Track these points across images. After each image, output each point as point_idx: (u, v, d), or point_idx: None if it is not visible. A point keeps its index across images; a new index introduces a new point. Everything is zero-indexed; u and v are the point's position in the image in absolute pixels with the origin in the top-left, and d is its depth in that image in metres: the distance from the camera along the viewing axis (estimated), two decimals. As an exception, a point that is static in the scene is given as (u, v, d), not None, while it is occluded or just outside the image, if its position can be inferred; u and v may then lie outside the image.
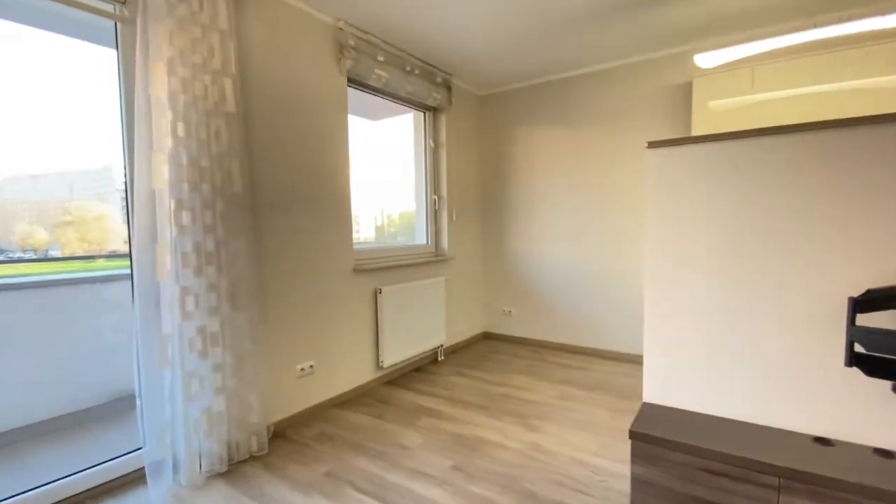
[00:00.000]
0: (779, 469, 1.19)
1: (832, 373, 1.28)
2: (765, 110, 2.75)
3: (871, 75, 2.39)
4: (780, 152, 1.32)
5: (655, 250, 1.56)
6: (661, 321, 1.56)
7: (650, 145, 1.54)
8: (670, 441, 1.35)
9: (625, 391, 2.90)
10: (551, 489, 1.85)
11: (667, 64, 3.26)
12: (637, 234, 3.48)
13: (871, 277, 1.20)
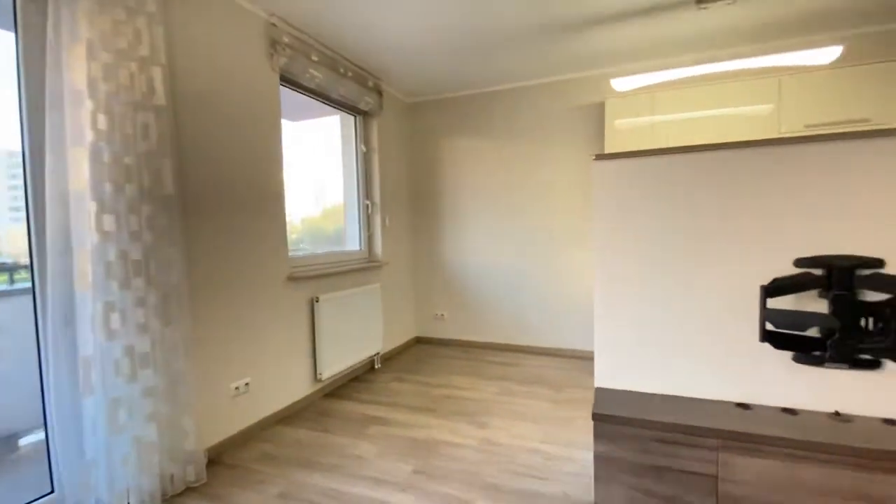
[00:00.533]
0: (716, 431, 1.40)
1: (748, 348, 1.55)
2: (662, 130, 3.18)
3: (745, 104, 2.92)
4: (703, 165, 1.57)
5: (603, 252, 1.74)
6: (609, 315, 1.74)
7: (597, 157, 1.72)
8: (627, 418, 1.51)
9: (558, 383, 3.13)
10: (511, 479, 1.95)
11: (584, 84, 3.63)
12: (558, 237, 3.79)
13: (779, 268, 1.48)
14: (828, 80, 2.74)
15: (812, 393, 1.49)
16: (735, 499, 1.39)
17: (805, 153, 1.45)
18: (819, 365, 1.47)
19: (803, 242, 1.47)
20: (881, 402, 1.42)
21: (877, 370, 1.42)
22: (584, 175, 3.69)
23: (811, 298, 1.47)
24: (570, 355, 3.78)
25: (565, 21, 2.74)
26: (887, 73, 2.62)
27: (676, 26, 2.85)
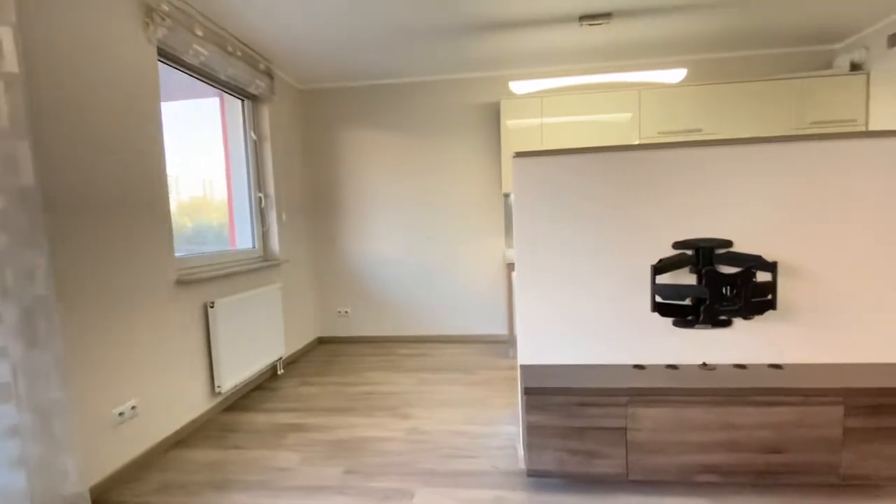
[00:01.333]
0: (624, 390, 1.66)
1: (641, 318, 1.85)
2: (549, 131, 3.54)
3: (613, 112, 3.41)
4: (608, 163, 1.82)
5: (523, 242, 1.90)
6: (529, 299, 1.91)
7: (517, 155, 1.86)
8: (553, 388, 1.70)
9: (470, 367, 3.31)
10: (444, 462, 2.03)
11: (482, 84, 3.84)
12: (460, 228, 3.97)
13: (663, 251, 1.80)
14: (676, 96, 3.35)
15: (687, 350, 1.85)
16: (639, 444, 1.67)
17: (675, 157, 1.78)
18: (691, 327, 1.83)
19: (679, 229, 1.80)
20: (733, 351, 1.83)
21: (729, 328, 1.82)
22: (484, 170, 3.91)
23: (685, 274, 1.82)
24: (477, 340, 4.00)
25: (463, 22, 2.87)
26: (717, 93, 3.30)
27: (564, 38, 3.19)
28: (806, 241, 1.77)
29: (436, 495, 1.78)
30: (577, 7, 2.74)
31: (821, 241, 1.76)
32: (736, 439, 1.63)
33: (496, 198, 3.93)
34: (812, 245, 1.77)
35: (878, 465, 1.59)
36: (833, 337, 1.79)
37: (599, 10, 2.79)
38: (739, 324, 1.82)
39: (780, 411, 1.61)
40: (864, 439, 1.58)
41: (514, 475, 1.90)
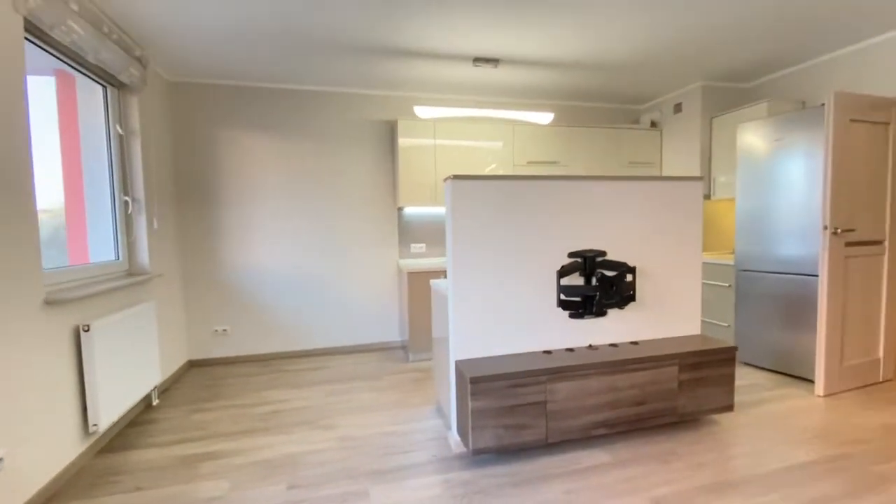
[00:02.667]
0: (544, 371, 2.07)
1: (550, 313, 2.30)
2: (442, 153, 3.92)
3: (492, 140, 3.97)
4: (523, 189, 2.23)
5: (456, 252, 2.18)
6: (461, 301, 2.20)
7: (454, 178, 2.14)
8: (492, 376, 2.01)
9: (375, 374, 3.41)
10: (385, 460, 2.15)
11: (381, 102, 4.02)
12: (352, 238, 4.04)
13: (563, 259, 2.28)
14: (541, 132, 4.09)
15: (579, 335, 2.37)
16: (555, 412, 2.09)
17: (569, 186, 2.30)
18: (581, 318, 2.35)
19: (574, 241, 2.32)
20: (608, 334, 2.41)
21: (606, 317, 2.40)
22: (378, 183, 4.08)
23: (575, 277, 2.34)
24: (372, 349, 4.10)
25: (366, 45, 3.06)
26: (570, 133, 4.15)
27: (461, 73, 3.61)
28: (646, 250, 2.46)
29: (390, 490, 1.91)
30: (472, 51, 3.18)
31: (653, 251, 2.48)
32: (617, 399, 2.19)
33: (391, 211, 4.13)
34: (649, 254, 2.47)
35: (698, 403, 2.32)
36: (665, 318, 2.53)
37: (490, 55, 3.29)
38: (612, 313, 2.42)
39: (642, 374, 2.22)
40: (689, 388, 2.30)
41: (452, 459, 2.15)
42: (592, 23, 2.76)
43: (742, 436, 2.29)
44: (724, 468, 2.00)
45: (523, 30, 2.85)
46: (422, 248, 4.24)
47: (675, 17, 2.71)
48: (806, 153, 2.95)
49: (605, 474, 1.98)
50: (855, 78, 3.25)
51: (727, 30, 2.92)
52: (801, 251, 3.00)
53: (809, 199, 2.93)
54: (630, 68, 3.58)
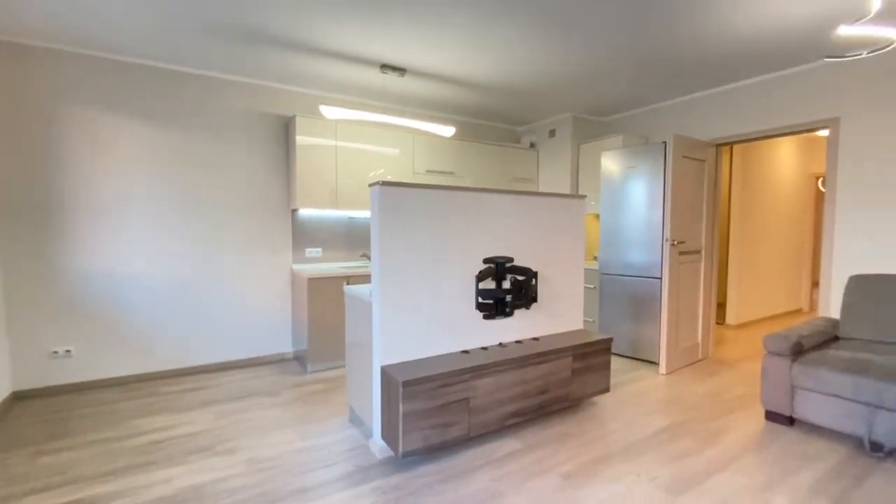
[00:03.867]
0: (467, 369, 2.21)
1: (468, 315, 2.46)
2: (343, 154, 3.83)
3: (393, 147, 4.02)
4: (444, 199, 2.35)
5: (383, 258, 2.19)
6: (387, 309, 2.22)
7: (383, 184, 2.15)
8: (422, 378, 2.07)
9: (270, 390, 3.16)
10: (307, 477, 2.04)
11: (277, 95, 3.75)
12: (239, 243, 3.68)
13: (479, 265, 2.46)
14: (439, 143, 4.28)
15: (491, 335, 2.58)
16: (476, 406, 2.25)
17: (483, 198, 2.50)
18: (494, 318, 2.57)
19: (487, 248, 2.52)
20: (514, 332, 2.67)
21: (513, 317, 2.66)
22: (270, 182, 3.79)
23: (489, 281, 2.54)
24: (263, 362, 3.77)
25: (265, 33, 2.88)
26: (464, 147, 4.42)
27: (367, 78, 3.59)
28: (543, 257, 2.80)
29: (320, 506, 1.83)
30: (379, 57, 3.21)
31: (548, 257, 2.83)
32: (526, 390, 2.44)
33: (283, 212, 3.87)
34: (546, 259, 2.82)
35: (585, 388, 2.72)
36: (558, 316, 2.90)
37: (397, 64, 3.35)
38: (518, 313, 2.69)
39: (546, 366, 2.52)
40: (579, 375, 2.68)
41: (377, 466, 2.14)
42: (491, 47, 3.04)
43: (616, 412, 2.76)
44: (609, 441, 2.39)
45: (425, 46, 2.99)
46: (318, 252, 4.06)
47: (556, 57, 3.14)
48: (650, 180, 3.68)
49: (520, 459, 2.20)
50: (681, 123, 4.16)
51: (593, 74, 3.48)
52: (647, 258, 3.72)
53: (652, 216, 3.66)
54: (516, 94, 4.00)
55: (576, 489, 1.95)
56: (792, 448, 2.30)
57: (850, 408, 2.30)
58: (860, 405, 2.26)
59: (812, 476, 2.04)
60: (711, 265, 3.89)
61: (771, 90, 3.54)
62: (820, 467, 2.12)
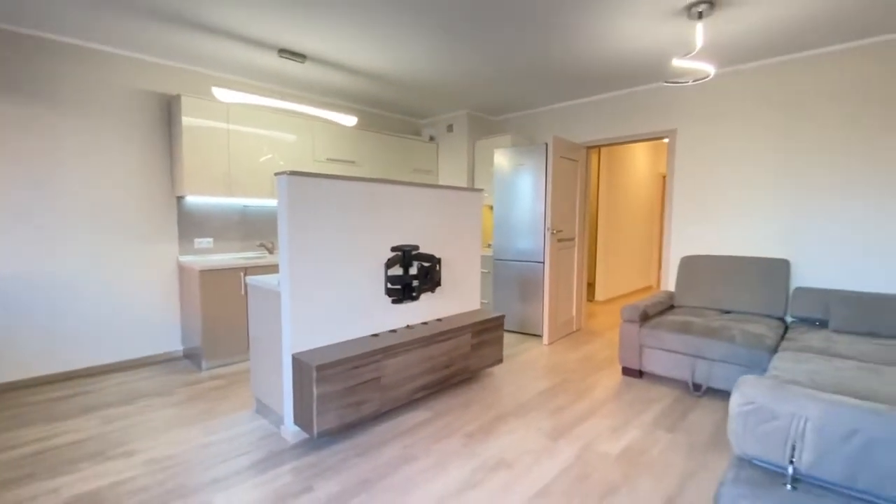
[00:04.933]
0: (378, 351, 2.36)
1: (377, 300, 2.60)
2: (237, 138, 3.64)
3: (292, 133, 3.93)
4: (354, 189, 2.45)
5: (292, 248, 2.23)
6: (297, 297, 2.26)
7: (291, 174, 2.18)
8: (336, 361, 2.17)
9: (161, 390, 2.96)
10: (220, 469, 2.02)
11: (158, 71, 3.41)
12: (115, 233, 3.33)
13: (388, 252, 2.61)
14: (343, 132, 4.28)
15: (399, 318, 2.76)
16: (387, 384, 2.42)
17: (390, 190, 2.66)
18: (401, 303, 2.75)
19: (394, 237, 2.68)
20: (420, 315, 2.89)
21: (419, 301, 2.87)
22: (147, 166, 3.46)
23: (396, 268, 2.72)
24: (151, 362, 3.46)
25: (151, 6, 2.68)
26: (366, 137, 4.48)
27: (264, 61, 3.45)
28: (446, 244, 3.06)
29: (238, 493, 1.85)
30: (277, 41, 3.14)
31: (451, 244, 3.10)
32: (433, 366, 2.68)
33: (167, 200, 3.56)
34: (448, 247, 3.08)
35: (482, 360, 3.05)
36: (458, 298, 3.19)
37: (296, 50, 3.30)
38: (423, 297, 2.90)
39: (449, 343, 2.78)
40: (477, 349, 3.00)
41: (292, 449, 2.20)
42: (391, 39, 3.18)
43: (509, 380, 3.15)
44: (504, 403, 2.75)
45: (325, 35, 3.02)
46: (209, 242, 3.82)
47: (446, 57, 3.40)
48: (534, 176, 4.16)
49: (429, 426, 2.44)
50: (560, 126, 4.73)
51: (482, 77, 3.82)
52: (532, 245, 4.21)
53: (536, 208, 4.15)
54: (415, 88, 4.18)
55: (477, 444, 2.25)
56: (640, 394, 2.90)
57: (679, 359, 2.96)
58: (686, 356, 2.93)
59: (653, 414, 2.61)
60: (583, 250, 4.54)
61: (628, 103, 4.22)
62: (659, 407, 2.71)
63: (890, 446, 1.07)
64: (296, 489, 1.89)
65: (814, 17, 2.68)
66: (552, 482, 1.94)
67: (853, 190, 3.10)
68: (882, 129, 2.98)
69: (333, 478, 1.96)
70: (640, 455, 2.16)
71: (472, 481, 1.94)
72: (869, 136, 3.03)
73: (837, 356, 2.37)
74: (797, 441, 1.19)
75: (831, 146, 3.17)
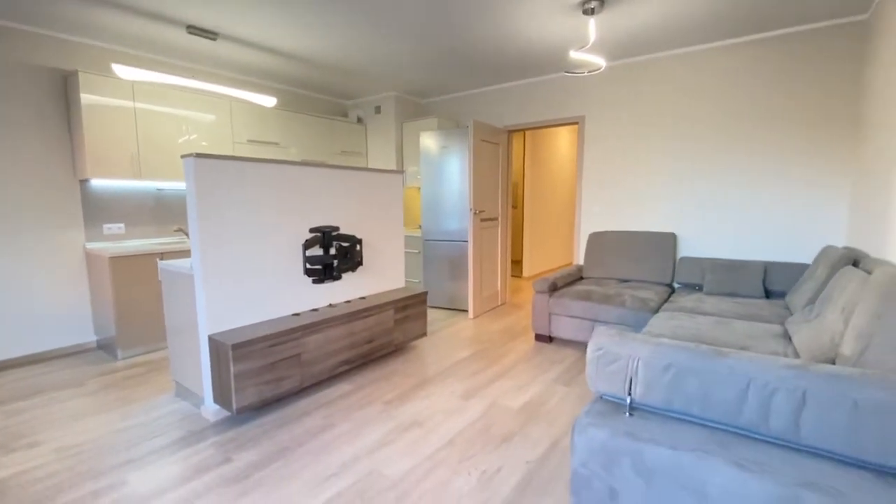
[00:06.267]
0: (298, 328, 2.45)
1: (297, 280, 2.67)
2: (144, 117, 3.46)
3: (207, 113, 3.81)
4: (273, 172, 2.47)
5: (203, 231, 2.24)
6: (211, 279, 2.29)
7: (197, 156, 2.18)
8: (252, 340, 2.24)
9: (70, 382, 2.85)
10: (135, 450, 2.04)
11: (50, 45, 3.16)
12: (10, 221, 3.10)
13: (307, 233, 2.68)
14: (265, 113, 4.19)
15: (320, 297, 2.85)
16: (307, 361, 2.53)
17: (308, 172, 2.72)
18: (322, 283, 2.84)
19: (313, 219, 2.75)
20: (344, 293, 3.00)
21: (341, 280, 2.97)
22: (43, 147, 3.22)
23: (317, 249, 2.80)
24: (59, 355, 3.29)
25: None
26: (290, 118, 4.41)
27: (172, 37, 3.29)
28: (367, 225, 3.16)
29: (153, 471, 1.90)
30: (185, 17, 3.03)
31: (372, 225, 3.21)
32: (354, 341, 2.81)
33: (69, 183, 3.35)
34: (369, 228, 3.19)
35: (405, 334, 3.23)
36: (382, 277, 3.32)
37: (207, 27, 3.19)
38: (346, 277, 3.01)
39: (371, 319, 2.92)
40: (400, 324, 3.17)
41: (212, 426, 2.26)
42: (310, 20, 3.18)
43: (431, 351, 3.35)
44: (424, 372, 2.95)
45: (236, 13, 2.97)
46: (120, 228, 3.64)
47: (366, 39, 3.45)
48: (459, 158, 4.34)
49: (350, 397, 2.58)
50: (483, 110, 4.92)
51: (403, 60, 3.91)
52: (459, 225, 4.42)
53: (462, 189, 4.35)
54: (340, 70, 4.18)
55: (395, 409, 2.43)
56: (548, 357, 3.22)
57: (581, 324, 3.31)
58: (586, 321, 3.28)
59: (555, 372, 2.93)
60: (506, 229, 4.82)
61: (543, 89, 4.49)
62: (561, 367, 3.04)
63: (693, 374, 1.36)
64: (215, 461, 1.96)
65: (692, 15, 3.02)
66: (457, 434, 2.16)
67: (731, 175, 3.57)
68: (753, 121, 3.44)
69: (253, 448, 2.06)
70: (539, 407, 2.45)
71: (386, 441, 2.12)
72: (745, 128, 3.49)
73: (701, 314, 2.79)
74: (633, 377, 1.47)
75: (715, 135, 3.61)
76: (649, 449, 1.33)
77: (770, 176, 3.40)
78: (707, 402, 1.34)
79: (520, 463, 1.94)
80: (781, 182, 3.36)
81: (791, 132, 3.30)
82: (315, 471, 1.89)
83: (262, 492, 1.76)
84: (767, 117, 3.37)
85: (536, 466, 1.91)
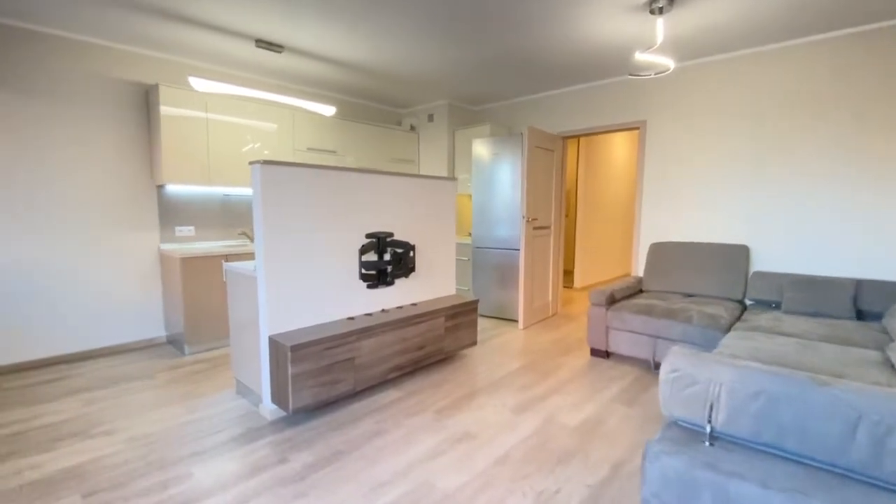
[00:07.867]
0: (353, 332, 2.48)
1: (351, 285, 2.71)
2: (215, 127, 3.68)
3: (272, 122, 3.99)
4: (331, 178, 2.53)
5: (267, 235, 2.32)
6: (273, 281, 2.36)
7: (263, 163, 2.26)
8: (310, 342, 2.28)
9: (143, 374, 3.04)
10: (200, 443, 2.13)
11: (135, 60, 3.44)
12: (96, 223, 3.37)
13: (362, 239, 2.71)
14: (323, 122, 4.33)
15: (374, 302, 2.87)
16: (361, 364, 2.54)
17: (367, 179, 2.75)
18: (376, 288, 2.86)
19: (369, 224, 2.78)
20: (395, 299, 3.01)
21: (394, 286, 2.98)
22: (126, 156, 3.49)
23: (371, 254, 2.82)
24: (132, 349, 3.54)
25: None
26: (347, 127, 4.55)
27: (241, 51, 3.49)
28: (420, 231, 3.16)
29: (216, 464, 1.97)
30: (255, 32, 3.18)
31: (424, 232, 3.21)
32: (406, 347, 2.80)
33: (147, 189, 3.61)
34: (422, 234, 3.18)
35: (456, 342, 3.18)
36: (433, 283, 3.31)
37: (274, 41, 3.34)
38: (398, 282, 3.02)
39: (422, 326, 2.91)
40: (450, 332, 3.13)
41: (270, 425, 2.32)
42: (367, 34, 3.24)
43: (482, 361, 3.29)
44: (475, 382, 2.89)
45: (302, 26, 3.08)
46: (190, 230, 3.88)
47: (426, 50, 3.47)
48: (511, 165, 4.27)
49: (401, 404, 2.57)
50: (537, 117, 4.83)
51: (461, 69, 3.90)
52: (510, 233, 4.34)
53: (514, 197, 4.27)
54: (396, 78, 4.25)
55: (446, 419, 2.39)
56: (604, 373, 3.06)
57: (641, 339, 3.13)
58: (647, 337, 3.10)
59: (614, 390, 2.78)
60: (559, 238, 4.68)
61: (601, 94, 4.34)
62: (620, 384, 2.87)
63: (788, 403, 1.22)
64: (272, 461, 2.00)
65: (773, 10, 2.80)
66: (511, 450, 2.08)
67: (817, 182, 3.26)
68: (846, 124, 3.14)
69: (307, 449, 2.09)
70: (597, 426, 2.31)
71: (438, 451, 2.08)
72: (831, 133, 3.18)
73: (781, 334, 2.54)
74: (714, 403, 1.34)
75: (791, 141, 3.33)
76: (734, 484, 1.20)
77: (865, 184, 3.07)
78: (804, 436, 1.19)
79: (579, 486, 1.83)
80: (879, 191, 3.02)
81: (890, 136, 2.96)
82: (368, 477, 1.88)
83: (316, 494, 1.77)
84: (862, 119, 3.05)
85: (598, 491, 1.80)
